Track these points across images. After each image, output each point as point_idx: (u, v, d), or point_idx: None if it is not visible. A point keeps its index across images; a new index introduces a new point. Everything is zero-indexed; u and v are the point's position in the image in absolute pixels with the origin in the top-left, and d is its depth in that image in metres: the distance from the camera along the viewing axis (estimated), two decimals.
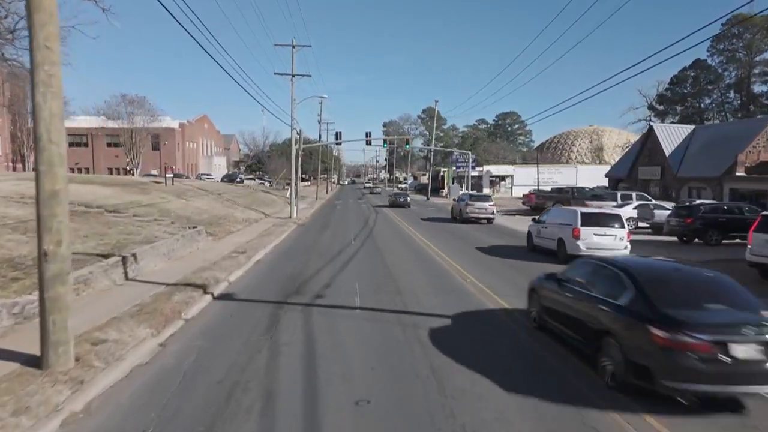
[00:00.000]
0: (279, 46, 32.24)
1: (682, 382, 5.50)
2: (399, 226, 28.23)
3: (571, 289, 7.68)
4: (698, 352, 5.47)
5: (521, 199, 56.76)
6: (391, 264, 15.19)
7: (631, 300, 6.37)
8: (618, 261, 7.58)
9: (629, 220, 25.12)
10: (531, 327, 8.91)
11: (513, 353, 7.61)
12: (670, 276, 6.97)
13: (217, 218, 26.14)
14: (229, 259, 15.89)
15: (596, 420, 5.41)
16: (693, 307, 6.04)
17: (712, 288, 6.60)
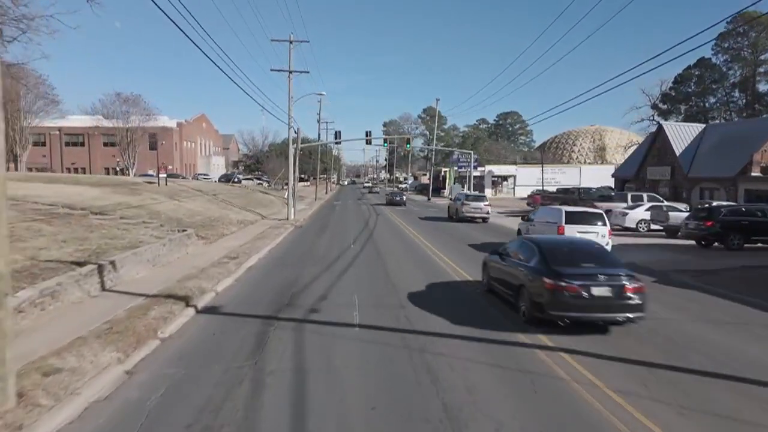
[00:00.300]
0: (276, 41, 31.12)
1: (561, 312, 8.51)
2: (399, 227, 27.12)
3: (506, 260, 10.68)
4: (570, 292, 8.43)
5: (525, 199, 55.67)
6: (392, 271, 14.07)
7: (536, 262, 9.39)
8: (534, 237, 11.35)
9: (641, 223, 24.03)
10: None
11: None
12: (564, 246, 10.14)
13: (210, 220, 25.01)
14: (218, 265, 14.77)
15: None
16: (572, 265, 8.97)
17: (590, 253, 9.68)
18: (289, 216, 31.72)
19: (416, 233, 24.08)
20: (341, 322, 9.05)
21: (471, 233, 23.84)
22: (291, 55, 31.45)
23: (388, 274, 13.71)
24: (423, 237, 22.42)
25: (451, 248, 18.12)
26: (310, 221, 32.00)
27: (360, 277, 13.28)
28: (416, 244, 20.16)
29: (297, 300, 10.85)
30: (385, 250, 18.37)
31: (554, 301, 8.47)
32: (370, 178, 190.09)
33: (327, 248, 18.96)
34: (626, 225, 24.26)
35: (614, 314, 8.54)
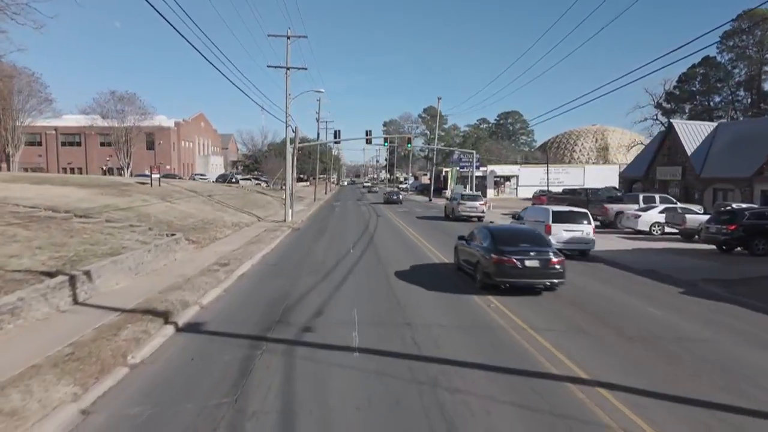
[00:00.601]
0: (273, 37, 30.01)
1: (503, 278, 11.39)
2: (399, 228, 26.00)
3: (470, 244, 13.51)
4: (510, 264, 11.27)
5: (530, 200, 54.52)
6: (396, 282, 12.92)
7: (488, 243, 12.21)
8: (489, 225, 14.43)
9: (655, 225, 22.90)
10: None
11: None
12: (509, 232, 13.36)
13: (203, 223, 23.88)
14: (207, 273, 13.64)
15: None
16: (513, 245, 11.82)
17: (528, 237, 12.52)
18: (287, 218, 30.60)
19: (416, 234, 23.62)
20: (338, 345, 7.92)
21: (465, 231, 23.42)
22: (288, 50, 30.33)
23: (390, 284, 12.57)
24: (422, 237, 22.07)
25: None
26: (308, 223, 30.86)
27: (360, 288, 12.14)
28: (417, 246, 19.13)
29: (290, 316, 9.71)
30: (387, 255, 17.25)
31: (498, 271, 11.51)
32: (370, 178, 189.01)
33: (325, 253, 17.83)
34: (639, 228, 23.12)
35: (542, 280, 11.63)
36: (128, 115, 56.28)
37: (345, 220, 32.26)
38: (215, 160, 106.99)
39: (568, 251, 16.89)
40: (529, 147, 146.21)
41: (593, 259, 17.04)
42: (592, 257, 17.30)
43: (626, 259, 16.70)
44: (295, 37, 30.26)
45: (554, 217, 17.51)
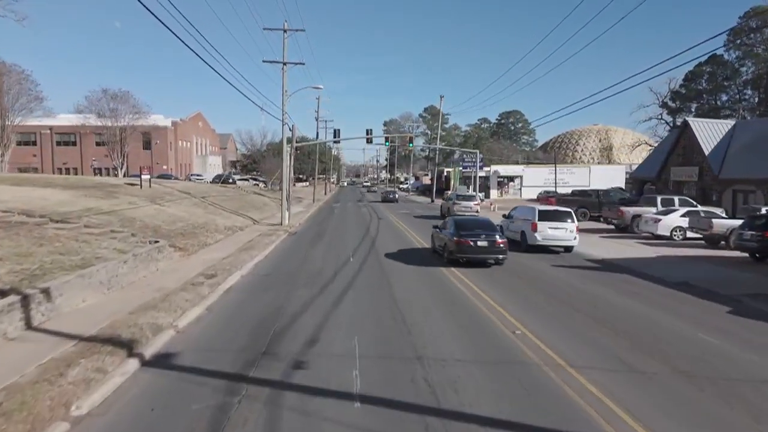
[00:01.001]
0: (269, 30, 28.46)
1: (461, 254, 15.25)
2: (402, 232, 24.49)
3: (441, 231, 17.04)
4: (467, 244, 15.12)
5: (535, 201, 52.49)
6: (402, 299, 11.34)
7: (452, 230, 15.79)
8: (455, 216, 19.19)
9: (677, 230, 21.41)
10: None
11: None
12: (469, 221, 17.07)
13: (193, 227, 22.38)
14: (189, 287, 12.15)
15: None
16: (470, 231, 15.56)
17: (482, 225, 16.29)
18: (283, 221, 29.10)
19: (417, 237, 21.87)
20: (335, 390, 6.40)
21: None
22: (285, 45, 28.80)
23: (396, 302, 11.04)
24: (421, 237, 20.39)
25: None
26: (305, 226, 29.37)
27: (361, 306, 10.61)
28: (417, 249, 17.64)
29: (278, 344, 8.20)
30: (391, 266, 15.74)
31: (458, 249, 15.28)
32: (370, 178, 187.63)
33: (322, 262, 16.33)
34: (659, 232, 21.61)
35: (490, 255, 15.41)
36: (122, 114, 54.77)
37: (345, 223, 30.76)
38: (213, 160, 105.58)
39: (554, 247, 19.06)
40: (531, 147, 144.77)
41: (616, 268, 15.53)
42: (615, 266, 15.82)
43: (653, 268, 15.20)
44: (292, 30, 28.78)
45: (540, 215, 18.87)
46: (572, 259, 17.57)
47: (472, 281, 13.03)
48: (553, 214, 18.81)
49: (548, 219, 18.60)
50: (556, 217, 18.75)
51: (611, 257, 17.49)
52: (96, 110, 53.80)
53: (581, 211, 30.85)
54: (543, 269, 15.42)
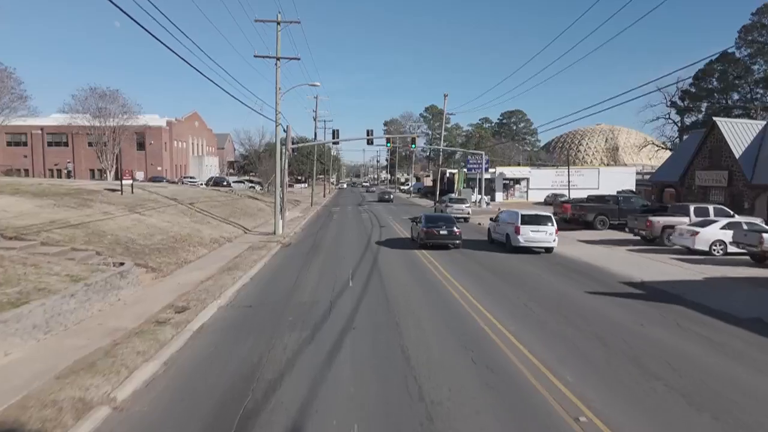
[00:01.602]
0: (261, 21, 26.05)
1: (428, 240, 20.96)
2: (401, 237, 22.11)
3: (417, 224, 22.66)
4: (432, 232, 20.95)
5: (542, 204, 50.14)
6: (416, 356, 8.87)
7: (423, 222, 21.58)
8: (425, 213, 25.54)
9: (716, 245, 19.02)
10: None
11: None
12: (436, 216, 23.74)
13: (174, 241, 19.99)
14: (148, 330, 9.76)
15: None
16: (435, 223, 21.55)
17: (445, 219, 22.60)
18: (277, 229, 26.74)
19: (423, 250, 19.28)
20: None
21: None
22: (279, 38, 26.46)
23: (407, 356, 8.62)
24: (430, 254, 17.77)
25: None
26: (301, 236, 26.99)
27: (362, 366, 8.10)
28: (426, 269, 15.30)
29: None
30: (396, 292, 13.36)
31: (426, 236, 20.87)
32: (370, 178, 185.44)
33: (316, 287, 13.94)
34: (696, 247, 19.20)
35: (449, 241, 20.96)
36: (110, 114, 52.28)
37: (344, 232, 28.39)
38: (210, 161, 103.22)
39: (536, 248, 20.78)
40: (532, 147, 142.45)
41: (663, 296, 13.14)
42: (661, 293, 13.44)
43: (708, 297, 12.80)
44: (286, 22, 26.39)
45: (523, 219, 20.59)
46: (606, 281, 15.20)
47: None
48: (534, 219, 20.72)
49: (530, 223, 20.53)
50: (538, 221, 20.66)
51: (651, 279, 15.12)
52: (84, 110, 51.31)
53: (600, 219, 28.47)
54: (575, 298, 13.03)
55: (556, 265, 17.97)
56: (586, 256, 19.86)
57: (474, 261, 18.79)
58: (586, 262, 18.51)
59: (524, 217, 20.59)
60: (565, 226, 30.69)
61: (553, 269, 17.17)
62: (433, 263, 17.89)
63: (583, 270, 17.07)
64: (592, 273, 16.53)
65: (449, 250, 21.32)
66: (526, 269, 17.06)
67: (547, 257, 20.02)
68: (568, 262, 18.88)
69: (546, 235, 20.28)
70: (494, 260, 19.02)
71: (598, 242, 23.84)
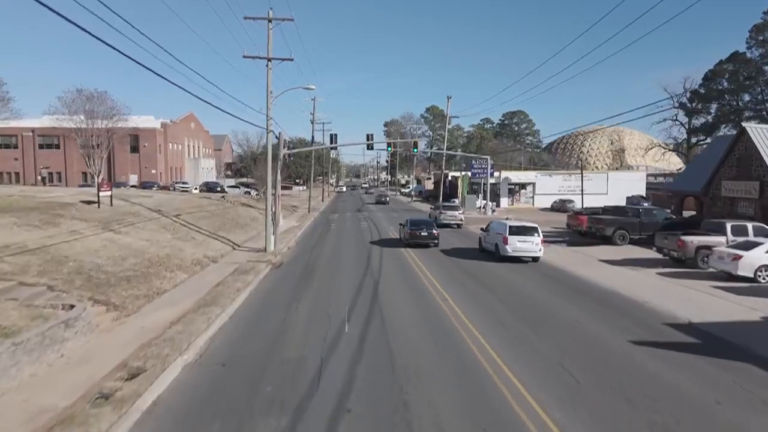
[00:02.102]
0: (250, 19, 23.78)
1: (412, 240, 25.87)
2: (413, 268, 19.89)
3: (404, 227, 26.92)
4: (415, 234, 25.85)
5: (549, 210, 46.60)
6: None
7: (408, 225, 26.41)
8: (410, 217, 28.94)
9: (762, 270, 16.78)
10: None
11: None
12: (418, 220, 28.15)
13: (149, 265, 17.74)
14: (84, 412, 7.52)
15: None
16: (418, 226, 26.34)
17: (426, 222, 27.77)
18: (268, 245, 24.49)
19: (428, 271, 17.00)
20: None
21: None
22: (270, 37, 24.21)
23: None
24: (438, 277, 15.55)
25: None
26: (295, 252, 24.75)
27: None
28: (436, 305, 13.11)
29: None
30: (403, 347, 11.12)
31: (410, 237, 25.63)
32: (370, 179, 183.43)
33: (305, 333, 11.67)
34: (739, 273, 16.90)
35: (429, 241, 25.47)
36: (99, 116, 49.93)
37: (341, 248, 26.14)
38: (206, 163, 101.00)
39: (523, 257, 21.71)
40: (534, 148, 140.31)
41: (725, 347, 10.86)
42: (720, 342, 11.19)
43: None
44: (278, 20, 24.12)
45: (510, 230, 21.67)
46: (646, 320, 12.95)
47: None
48: (521, 230, 21.78)
49: (517, 234, 21.60)
50: (524, 232, 21.73)
51: (700, 320, 12.87)
52: (70, 112, 48.98)
53: (620, 233, 26.19)
54: (620, 352, 10.77)
55: (583, 296, 15.73)
56: (613, 282, 17.61)
57: (483, 287, 16.54)
58: (616, 292, 16.26)
59: (512, 228, 21.76)
60: (580, 240, 28.47)
61: (581, 302, 14.92)
62: (447, 302, 15.65)
63: (616, 303, 14.82)
64: (627, 308, 14.28)
65: (455, 275, 19.08)
66: (546, 300, 14.82)
67: (567, 282, 17.79)
68: (595, 290, 16.63)
69: (532, 245, 21.43)
70: (500, 281, 16.80)
71: (622, 262, 21.59)
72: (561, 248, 26.24)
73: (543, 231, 33.28)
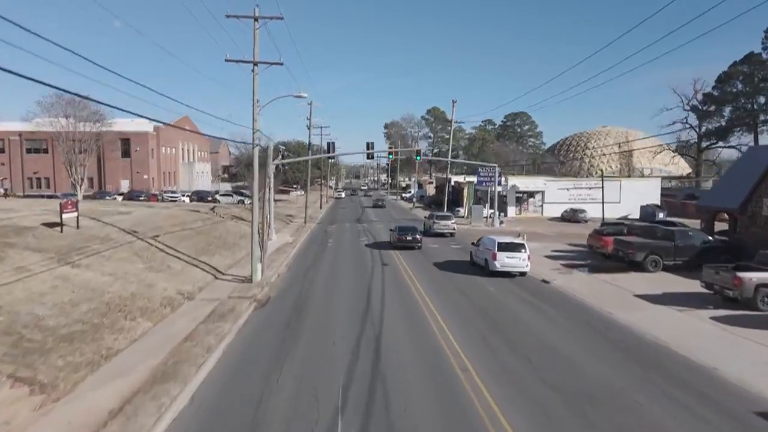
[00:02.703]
0: (234, 17, 20.81)
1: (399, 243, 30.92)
2: (420, 309, 16.96)
3: (393, 233, 31.64)
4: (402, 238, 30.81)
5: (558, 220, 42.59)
6: None
7: (396, 231, 31.40)
8: (398, 224, 36.33)
9: None
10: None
11: None
12: (404, 227, 32.40)
13: (105, 311, 14.76)
14: None
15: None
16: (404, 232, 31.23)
17: (411, 228, 31.89)
18: (255, 274, 21.58)
19: (443, 319, 14.12)
20: None
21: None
22: (256, 37, 21.28)
23: None
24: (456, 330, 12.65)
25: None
26: (285, 281, 21.82)
27: None
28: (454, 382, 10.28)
29: None
30: None
31: (398, 241, 30.44)
32: (369, 181, 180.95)
33: (289, 421, 8.77)
34: None
35: (413, 244, 30.33)
36: (82, 120, 47.10)
37: (338, 276, 23.21)
38: (201, 168, 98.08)
39: (512, 272, 22.44)
40: (536, 149, 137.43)
41: None
42: None
43: None
44: (266, 18, 21.18)
45: (499, 247, 22.50)
46: (726, 405, 10.04)
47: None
48: (509, 246, 22.73)
49: (506, 250, 22.52)
50: (512, 248, 22.62)
51: None
52: (51, 116, 46.16)
53: (652, 259, 23.21)
54: None
55: (632, 358, 12.78)
56: (662, 331, 14.66)
57: (508, 344, 13.64)
58: (665, 347, 13.38)
59: (500, 244, 22.75)
60: (603, 264, 25.43)
61: (632, 369, 11.98)
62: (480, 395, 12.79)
63: (676, 370, 11.87)
64: (693, 379, 11.34)
65: (462, 309, 16.18)
66: (588, 363, 11.89)
67: (607, 333, 14.85)
68: (644, 347, 13.67)
69: (519, 260, 22.42)
70: (522, 328, 13.89)
71: (663, 299, 18.63)
72: (584, 275, 23.27)
73: (559, 250, 30.62)
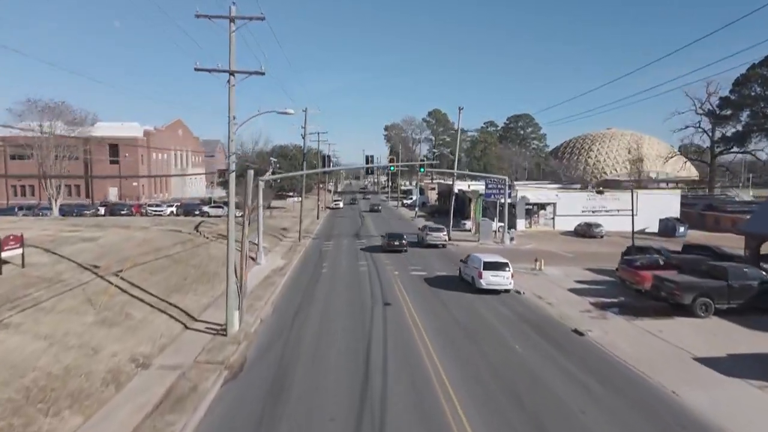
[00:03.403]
0: (204, 17, 17.25)
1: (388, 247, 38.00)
2: (430, 380, 13.54)
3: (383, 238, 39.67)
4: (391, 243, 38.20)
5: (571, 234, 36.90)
6: None
7: (386, 237, 38.85)
8: (388, 231, 42.49)
9: None
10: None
11: None
12: (393, 234, 39.24)
13: (19, 404, 11.24)
14: None
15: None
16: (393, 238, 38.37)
17: (398, 236, 38.63)
18: (231, 323, 18.04)
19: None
20: None
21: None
22: (232, 42, 17.77)
23: None
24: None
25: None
26: (269, 330, 18.27)
27: None
28: None
29: None
30: None
31: (387, 245, 37.68)
32: (369, 182, 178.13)
33: None
34: None
35: (400, 248, 37.39)
36: (58, 129, 43.56)
37: (331, 320, 19.71)
38: (194, 172, 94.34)
39: (496, 290, 24.04)
40: (538, 152, 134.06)
41: None
42: None
43: None
44: (244, 19, 17.58)
45: (485, 266, 24.11)
46: None
47: None
48: (494, 265, 24.15)
49: (491, 269, 23.97)
50: (497, 267, 24.10)
51: None
52: (23, 123, 42.62)
53: (702, 302, 19.64)
54: None
55: None
56: (753, 429, 11.14)
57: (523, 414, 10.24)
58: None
59: (486, 263, 24.16)
60: (641, 305, 21.67)
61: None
62: None
63: None
64: None
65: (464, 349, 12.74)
66: None
67: (664, 417, 11.33)
68: None
69: (503, 279, 23.89)
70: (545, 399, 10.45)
71: (730, 364, 15.07)
72: (623, 322, 19.56)
73: (582, 281, 27.04)
